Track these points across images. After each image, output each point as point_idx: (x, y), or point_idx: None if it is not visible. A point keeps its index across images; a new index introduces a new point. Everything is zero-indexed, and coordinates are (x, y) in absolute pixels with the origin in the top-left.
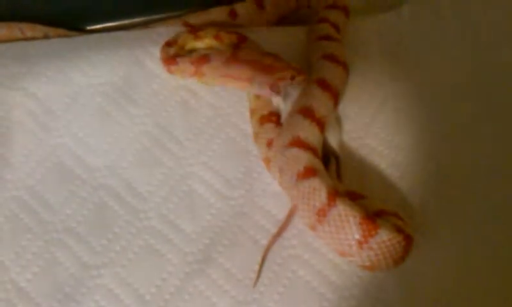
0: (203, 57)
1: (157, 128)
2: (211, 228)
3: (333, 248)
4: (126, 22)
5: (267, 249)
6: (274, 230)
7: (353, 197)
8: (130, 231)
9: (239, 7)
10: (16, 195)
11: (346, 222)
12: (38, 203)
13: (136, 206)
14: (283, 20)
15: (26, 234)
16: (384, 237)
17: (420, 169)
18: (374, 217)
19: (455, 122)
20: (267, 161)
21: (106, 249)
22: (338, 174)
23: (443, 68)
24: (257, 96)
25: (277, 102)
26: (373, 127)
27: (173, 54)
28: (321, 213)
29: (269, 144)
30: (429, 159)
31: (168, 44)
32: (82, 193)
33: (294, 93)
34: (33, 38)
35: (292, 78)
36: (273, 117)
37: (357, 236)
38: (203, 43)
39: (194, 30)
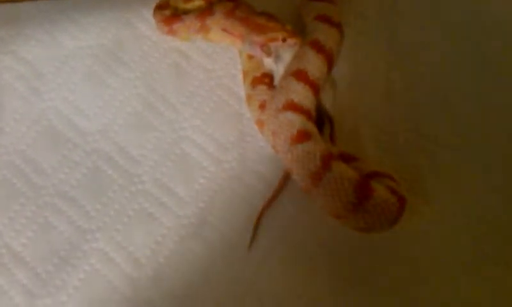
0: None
1: (149, 91)
2: (205, 192)
3: (328, 211)
4: None
5: (262, 213)
6: (268, 193)
7: (347, 160)
8: (124, 195)
9: None
10: (7, 159)
11: (341, 185)
12: (30, 168)
13: (130, 170)
14: None
15: (19, 198)
16: (379, 199)
17: (414, 134)
18: (368, 179)
19: (448, 83)
20: (260, 124)
21: (100, 213)
22: (331, 137)
23: (438, 28)
24: (250, 58)
25: (268, 63)
26: (368, 89)
27: (171, 14)
28: (316, 177)
29: (262, 106)
30: (424, 120)
31: (160, 7)
32: (74, 157)
33: (286, 55)
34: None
35: (284, 40)
36: (266, 79)
37: (352, 199)
38: (193, 5)
39: None
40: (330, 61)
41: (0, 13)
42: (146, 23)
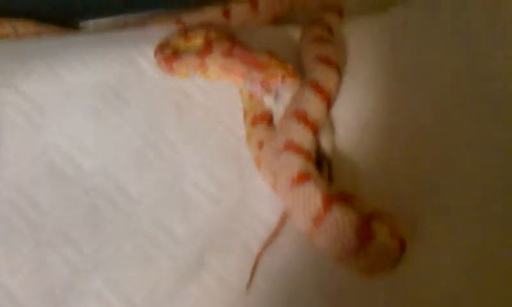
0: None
1: (150, 129)
2: (203, 232)
3: (329, 253)
4: (118, 18)
5: (260, 255)
6: (266, 235)
7: (345, 200)
8: (121, 234)
9: (233, 8)
10: (6, 195)
11: (342, 228)
12: (29, 204)
13: (128, 209)
14: (277, 21)
15: (16, 235)
16: (380, 242)
17: (414, 174)
18: (368, 221)
19: (448, 124)
20: (259, 162)
21: (97, 253)
22: (330, 177)
23: (436, 69)
24: (250, 96)
25: (269, 102)
26: (367, 130)
27: (171, 53)
28: (317, 219)
29: (260, 145)
30: (422, 163)
31: (162, 46)
32: (73, 194)
33: (286, 94)
34: (25, 35)
35: (283, 78)
36: (265, 118)
37: (353, 242)
38: (193, 44)
39: (185, 31)
40: (329, 102)
41: (3, 47)
42: (149, 62)
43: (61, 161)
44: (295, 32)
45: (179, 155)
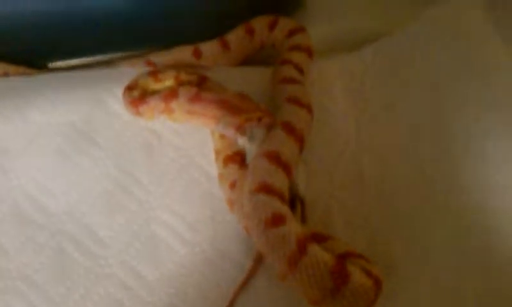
0: (172, 93)
1: (119, 170)
2: (174, 276)
3: (304, 296)
4: (88, 59)
5: (234, 298)
6: (240, 277)
7: (319, 240)
8: (89, 278)
9: (203, 47)
10: None
11: (317, 270)
12: None
13: (96, 253)
14: (247, 60)
15: None
16: (356, 283)
17: (385, 211)
18: (343, 262)
19: (416, 163)
20: (231, 203)
21: (64, 298)
22: (303, 216)
23: (405, 108)
24: (222, 137)
25: (242, 142)
26: (338, 169)
27: (139, 96)
28: (291, 262)
29: (233, 185)
30: (394, 201)
31: (130, 88)
32: (39, 239)
33: (260, 134)
34: None
35: (259, 119)
36: (237, 157)
37: (329, 285)
38: (163, 85)
39: (154, 72)
40: (301, 142)
41: None
42: (117, 102)
43: (26, 204)
44: (265, 73)
45: (150, 197)
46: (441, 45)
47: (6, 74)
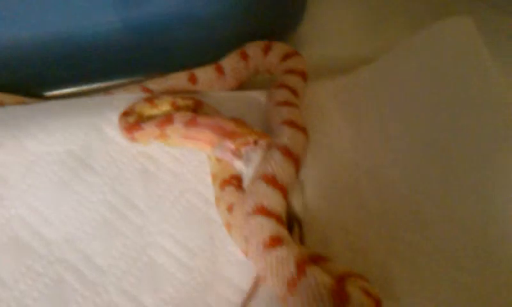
0: (167, 119)
1: (117, 196)
2: (173, 302)
3: None
4: (85, 87)
5: None
6: (239, 300)
7: (317, 261)
8: (88, 306)
9: (199, 73)
10: None
11: (317, 291)
12: None
13: (95, 280)
14: (242, 85)
15: None
16: (356, 304)
17: (383, 233)
18: (342, 283)
19: (414, 180)
20: (229, 226)
21: None
22: (301, 238)
23: (400, 128)
24: (218, 160)
25: (238, 165)
26: (336, 190)
27: (134, 122)
28: (291, 284)
29: (230, 208)
30: (392, 223)
31: (126, 114)
32: (38, 268)
33: (256, 157)
34: None
35: (255, 142)
36: (234, 181)
37: (329, 306)
38: (159, 110)
39: (151, 98)
40: (297, 164)
41: None
42: (114, 129)
43: (25, 233)
44: (260, 96)
45: (147, 223)
46: (435, 65)
47: (1, 103)
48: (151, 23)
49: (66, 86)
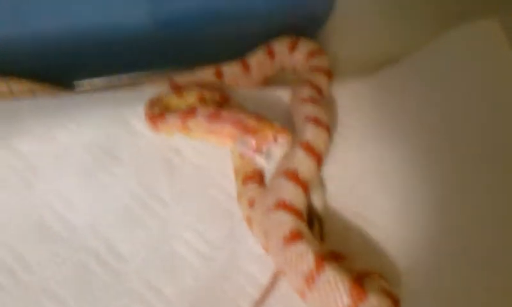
0: (190, 112)
1: (141, 187)
2: (192, 291)
3: None
4: (113, 78)
5: None
6: (257, 294)
7: (337, 258)
8: (109, 293)
9: (225, 68)
10: None
11: (335, 287)
12: (17, 262)
13: (117, 268)
14: (267, 82)
15: (3, 296)
16: (374, 302)
17: (405, 234)
18: (361, 280)
19: (438, 186)
20: (250, 221)
21: None
22: (321, 235)
23: (422, 131)
24: (241, 156)
25: (260, 161)
26: (357, 189)
27: (159, 112)
28: (310, 279)
29: (251, 203)
30: (414, 224)
31: (152, 103)
32: (62, 253)
33: (277, 152)
34: (20, 94)
35: (275, 139)
36: (256, 176)
37: (347, 302)
38: (186, 102)
39: (178, 89)
40: (319, 161)
41: (0, 106)
42: (141, 121)
43: (51, 219)
44: (285, 93)
45: (170, 214)
46: (460, 67)
47: (32, 92)
48: (180, 18)
49: (95, 76)
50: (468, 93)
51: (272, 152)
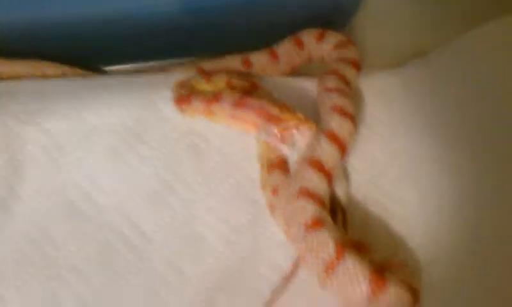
0: (215, 97)
1: (167, 170)
2: (213, 273)
3: (341, 302)
4: (143, 65)
5: (271, 302)
6: (277, 280)
7: (359, 248)
8: (130, 270)
9: (253, 57)
10: (22, 228)
11: (355, 276)
12: (43, 238)
13: (140, 247)
14: (295, 71)
15: (29, 268)
16: (393, 292)
17: (428, 226)
18: (381, 271)
19: (460, 180)
20: (272, 208)
21: (106, 287)
22: (344, 225)
23: (448, 125)
24: (266, 143)
25: (284, 149)
26: (381, 181)
27: (186, 94)
28: (330, 267)
29: (275, 191)
30: (437, 217)
31: (180, 85)
32: (87, 230)
33: (301, 141)
34: (52, 76)
35: (297, 128)
36: (281, 164)
37: (366, 292)
38: (215, 87)
39: (207, 74)
40: (344, 151)
41: (31, 87)
42: (168, 105)
43: (77, 197)
44: (312, 83)
45: (194, 197)
46: (489, 63)
47: (64, 74)
48: (209, 6)
49: (124, 62)
50: (495, 88)
51: (296, 141)
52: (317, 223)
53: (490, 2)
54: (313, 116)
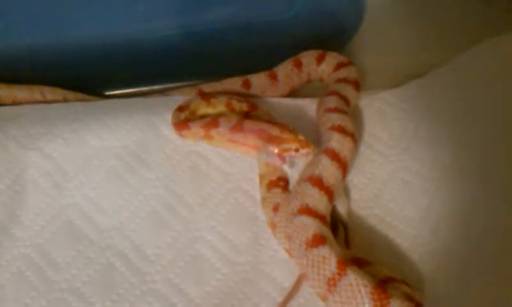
0: (212, 122)
1: (168, 191)
2: (216, 294)
3: None
4: (143, 89)
5: None
6: (279, 299)
7: (361, 264)
8: (134, 293)
9: (253, 78)
10: (24, 252)
11: (357, 291)
12: (45, 261)
13: (142, 269)
14: (294, 92)
15: (30, 292)
16: (396, 306)
17: (429, 243)
18: (384, 285)
19: (462, 196)
20: (273, 226)
21: None
22: (346, 242)
23: (448, 144)
24: (266, 162)
25: (285, 168)
26: (382, 198)
27: (184, 119)
28: (331, 283)
29: (275, 209)
30: (438, 232)
31: (180, 109)
32: (89, 253)
33: (301, 161)
34: (53, 101)
35: (297, 150)
36: (281, 182)
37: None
38: (214, 109)
39: (207, 97)
40: (344, 169)
41: (32, 111)
42: (169, 127)
43: (79, 221)
44: (312, 104)
45: (196, 218)
46: (488, 83)
47: (65, 99)
48: (209, 31)
49: (125, 87)
50: (495, 107)
51: (296, 160)
52: (318, 239)
53: (483, 24)
54: (312, 135)
